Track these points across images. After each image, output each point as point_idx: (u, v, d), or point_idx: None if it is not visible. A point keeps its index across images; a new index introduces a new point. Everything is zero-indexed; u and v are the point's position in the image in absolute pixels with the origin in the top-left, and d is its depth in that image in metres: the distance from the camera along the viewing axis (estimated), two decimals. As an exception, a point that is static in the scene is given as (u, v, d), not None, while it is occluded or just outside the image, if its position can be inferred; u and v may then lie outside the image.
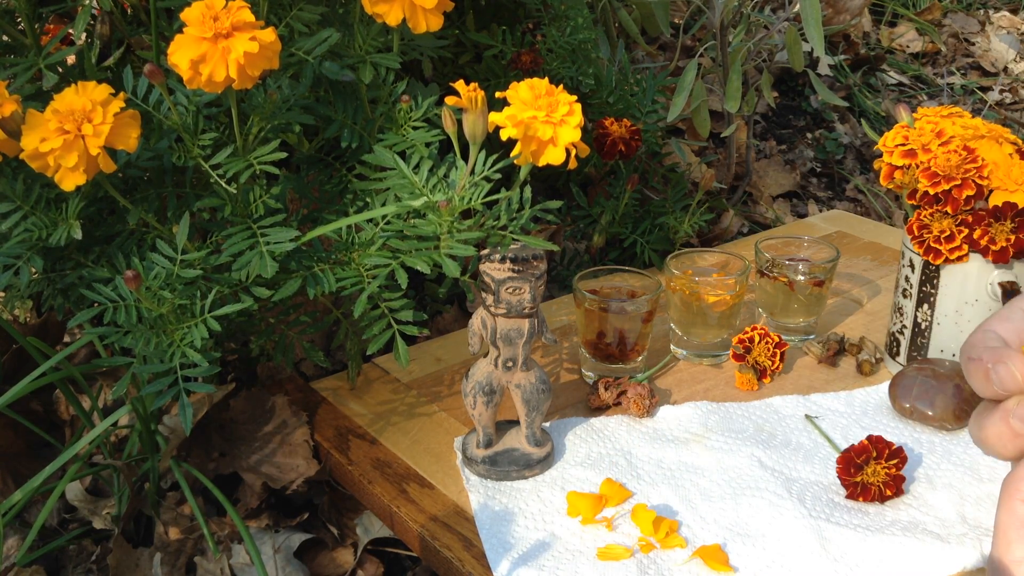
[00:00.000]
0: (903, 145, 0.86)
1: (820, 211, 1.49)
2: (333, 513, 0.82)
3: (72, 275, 0.76)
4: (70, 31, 0.84)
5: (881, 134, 0.89)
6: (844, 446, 0.76)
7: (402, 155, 0.77)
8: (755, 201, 1.48)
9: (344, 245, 0.76)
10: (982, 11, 2.32)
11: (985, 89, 1.98)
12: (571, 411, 0.86)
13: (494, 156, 0.71)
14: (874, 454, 0.72)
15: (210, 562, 0.75)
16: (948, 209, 0.83)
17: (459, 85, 0.67)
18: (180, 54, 0.63)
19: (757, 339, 0.88)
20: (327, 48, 0.76)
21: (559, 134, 0.67)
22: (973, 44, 2.16)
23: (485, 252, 0.71)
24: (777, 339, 0.89)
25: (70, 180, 0.64)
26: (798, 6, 1.13)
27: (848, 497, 0.73)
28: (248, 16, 0.64)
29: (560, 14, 1.13)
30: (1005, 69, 2.07)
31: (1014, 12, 2.34)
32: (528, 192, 0.73)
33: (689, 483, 0.75)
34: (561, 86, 0.68)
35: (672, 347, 0.95)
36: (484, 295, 0.72)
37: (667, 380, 0.91)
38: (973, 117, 0.87)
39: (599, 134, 1.07)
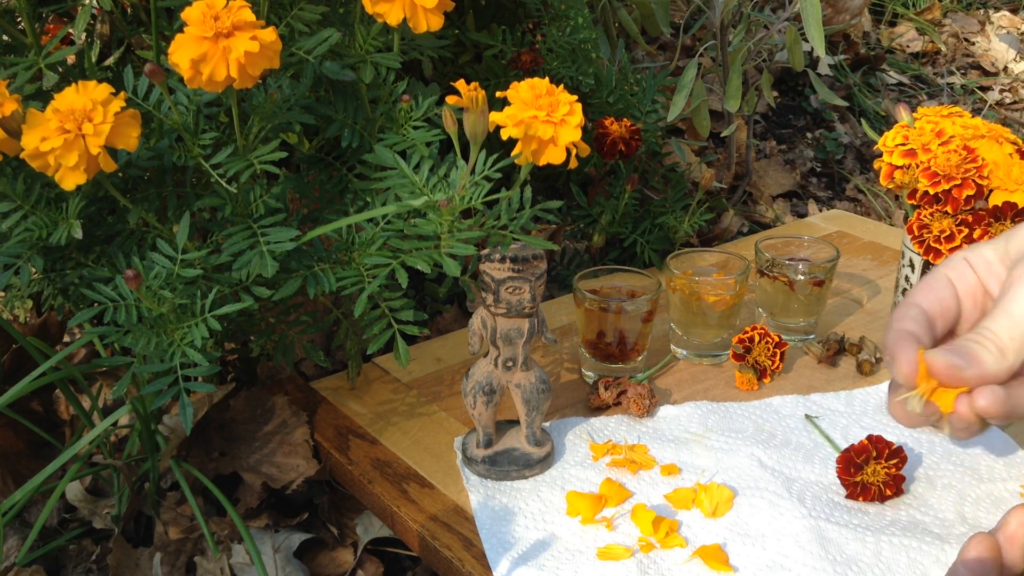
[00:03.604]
0: (903, 145, 0.86)
1: (820, 211, 1.49)
2: (333, 513, 0.82)
3: (72, 275, 0.76)
4: (70, 31, 0.84)
5: (881, 134, 0.89)
6: (844, 446, 0.76)
7: (402, 155, 0.77)
8: (755, 201, 1.48)
9: (344, 245, 0.76)
10: (982, 11, 2.32)
11: (985, 89, 1.98)
12: (571, 411, 0.85)
13: (494, 156, 0.71)
14: (874, 454, 0.72)
15: (210, 562, 0.75)
16: (948, 209, 0.83)
17: (460, 84, 0.67)
18: (181, 53, 0.63)
19: (757, 339, 0.88)
20: (328, 48, 0.76)
21: (559, 134, 0.67)
22: (973, 44, 2.16)
23: (485, 252, 0.71)
24: (777, 339, 0.89)
25: (70, 179, 0.64)
26: (798, 6, 1.13)
27: (848, 497, 0.73)
28: (249, 15, 0.64)
29: (560, 14, 1.13)
30: (1005, 69, 2.07)
31: (1014, 12, 2.34)
32: (528, 192, 0.73)
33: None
34: (561, 86, 0.68)
35: (672, 347, 0.95)
36: (484, 295, 0.72)
37: (667, 380, 0.91)
38: (973, 117, 0.87)
39: (599, 134, 1.07)
